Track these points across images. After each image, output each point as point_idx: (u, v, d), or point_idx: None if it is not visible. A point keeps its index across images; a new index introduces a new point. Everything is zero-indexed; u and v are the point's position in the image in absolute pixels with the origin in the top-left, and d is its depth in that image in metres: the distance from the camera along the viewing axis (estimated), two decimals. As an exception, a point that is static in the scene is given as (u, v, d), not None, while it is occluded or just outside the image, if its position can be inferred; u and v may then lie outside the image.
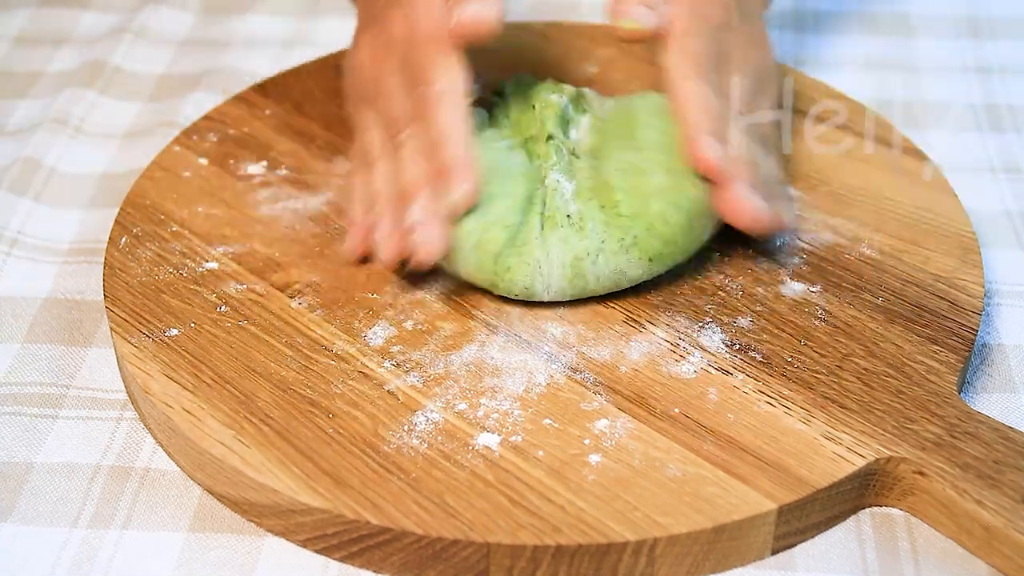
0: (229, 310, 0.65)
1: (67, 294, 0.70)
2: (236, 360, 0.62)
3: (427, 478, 0.56)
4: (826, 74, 0.86)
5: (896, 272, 0.67)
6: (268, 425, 0.59)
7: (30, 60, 0.90)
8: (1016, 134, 0.83)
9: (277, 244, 0.69)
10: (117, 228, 0.70)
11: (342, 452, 0.58)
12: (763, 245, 0.69)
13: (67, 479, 0.60)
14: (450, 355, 0.63)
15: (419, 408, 0.60)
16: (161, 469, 0.61)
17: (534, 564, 0.54)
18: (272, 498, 0.56)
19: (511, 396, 0.60)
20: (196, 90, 0.86)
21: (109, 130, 0.83)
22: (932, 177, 0.73)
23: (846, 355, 0.62)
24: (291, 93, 0.80)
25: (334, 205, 0.72)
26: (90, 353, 0.66)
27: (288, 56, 0.90)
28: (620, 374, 0.62)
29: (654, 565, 0.55)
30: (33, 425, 0.63)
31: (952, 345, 0.63)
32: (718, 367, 0.62)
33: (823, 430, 0.59)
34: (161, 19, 0.94)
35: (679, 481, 0.56)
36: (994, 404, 0.64)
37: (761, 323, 0.64)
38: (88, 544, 0.57)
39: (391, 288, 0.66)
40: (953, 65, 0.90)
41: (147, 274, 0.67)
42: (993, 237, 0.74)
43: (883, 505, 0.59)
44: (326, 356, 0.62)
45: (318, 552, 0.57)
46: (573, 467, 0.57)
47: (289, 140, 0.76)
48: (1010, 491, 0.56)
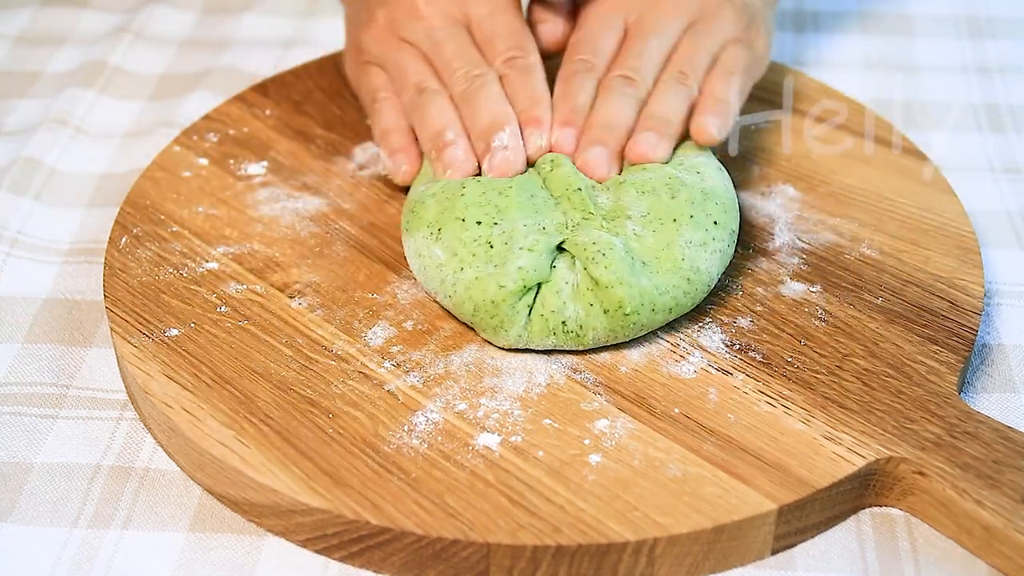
0: (229, 310, 0.65)
1: (67, 294, 0.70)
2: (236, 360, 0.62)
3: (427, 478, 0.56)
4: (826, 74, 0.86)
5: (896, 272, 0.67)
6: (268, 425, 0.59)
7: (30, 60, 0.90)
8: (1016, 134, 0.83)
9: (277, 244, 0.69)
10: (117, 228, 0.70)
11: (342, 452, 0.58)
12: (763, 245, 0.69)
13: (67, 479, 0.60)
14: (450, 355, 0.63)
15: (419, 408, 0.60)
16: (161, 469, 0.61)
17: (534, 564, 0.54)
18: (272, 498, 0.56)
19: (511, 396, 0.60)
20: (196, 90, 0.86)
21: (109, 130, 0.83)
22: (932, 177, 0.73)
23: (846, 355, 0.62)
24: (291, 93, 0.80)
25: (334, 205, 0.72)
26: (90, 353, 0.66)
27: (288, 56, 0.90)
28: (620, 374, 0.62)
29: (654, 565, 0.55)
30: (33, 425, 0.63)
31: (952, 345, 0.63)
32: (718, 367, 0.62)
33: (823, 430, 0.59)
34: (161, 19, 0.94)
35: (679, 481, 0.56)
36: (994, 404, 0.64)
37: (761, 323, 0.64)
38: (88, 544, 0.57)
39: (391, 288, 0.66)
40: (953, 65, 0.90)
41: (147, 274, 0.67)
42: (993, 237, 0.74)
43: (883, 505, 0.59)
44: (326, 356, 0.62)
45: (318, 552, 0.57)
46: (573, 467, 0.57)
47: (289, 140, 0.76)
48: (1010, 491, 0.56)
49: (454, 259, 0.62)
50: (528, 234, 0.62)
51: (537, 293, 0.62)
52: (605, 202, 0.65)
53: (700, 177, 0.66)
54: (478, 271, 0.62)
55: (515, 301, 0.61)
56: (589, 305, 0.61)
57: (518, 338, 0.62)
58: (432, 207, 0.64)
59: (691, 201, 0.64)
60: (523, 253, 0.61)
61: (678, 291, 0.62)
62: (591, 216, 0.63)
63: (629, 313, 0.61)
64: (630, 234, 0.63)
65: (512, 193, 0.64)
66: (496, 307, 0.61)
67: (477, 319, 0.62)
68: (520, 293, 0.61)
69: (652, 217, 0.64)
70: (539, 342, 0.62)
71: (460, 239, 0.63)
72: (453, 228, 0.63)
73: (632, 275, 0.61)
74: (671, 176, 0.66)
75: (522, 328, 0.61)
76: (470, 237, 0.63)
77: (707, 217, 0.64)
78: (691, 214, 0.64)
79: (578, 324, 0.61)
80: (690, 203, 0.64)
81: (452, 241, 0.63)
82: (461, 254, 0.62)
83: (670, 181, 0.65)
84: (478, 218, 0.63)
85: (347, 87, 0.80)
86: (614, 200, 0.65)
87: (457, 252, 0.62)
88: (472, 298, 0.61)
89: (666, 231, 0.63)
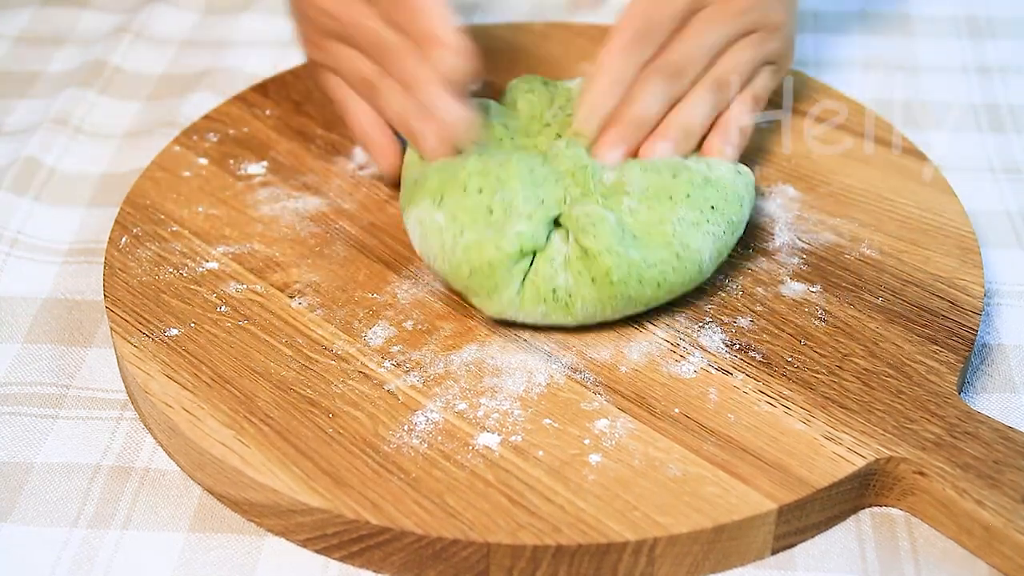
0: (229, 310, 0.65)
1: (67, 294, 0.70)
2: (236, 360, 0.62)
3: (427, 478, 0.56)
4: (826, 74, 0.86)
5: (896, 272, 0.67)
6: (268, 425, 0.59)
7: (30, 60, 0.90)
8: (1016, 134, 0.83)
9: (277, 244, 0.69)
10: (117, 228, 0.70)
11: (342, 452, 0.58)
12: (763, 245, 0.69)
13: (67, 479, 0.60)
14: (450, 355, 0.63)
15: (419, 408, 0.60)
16: (161, 469, 0.61)
17: (534, 564, 0.54)
18: (272, 498, 0.56)
19: (511, 396, 0.60)
20: (196, 90, 0.86)
21: (109, 130, 0.83)
22: (932, 177, 0.73)
23: (846, 355, 0.62)
24: (291, 93, 0.80)
25: (334, 205, 0.72)
26: (90, 353, 0.66)
27: (288, 56, 0.90)
28: (620, 374, 0.62)
29: (654, 565, 0.55)
30: (33, 425, 0.63)
31: (952, 345, 0.63)
32: (718, 367, 0.62)
33: (823, 430, 0.59)
34: (161, 19, 0.94)
35: (679, 481, 0.56)
36: (994, 404, 0.64)
37: (761, 323, 0.64)
38: (88, 544, 0.57)
39: (391, 288, 0.66)
40: (953, 65, 0.90)
41: (147, 274, 0.67)
42: (993, 237, 0.74)
43: (883, 505, 0.59)
44: (326, 356, 0.62)
45: (318, 552, 0.57)
46: (573, 467, 0.57)
47: (289, 140, 0.76)
48: (1010, 491, 0.56)
49: (455, 223, 0.63)
50: (527, 203, 0.63)
51: (532, 263, 0.62)
52: (609, 178, 0.66)
53: (707, 166, 0.67)
54: (478, 235, 0.62)
55: (511, 265, 0.62)
56: (578, 274, 0.62)
57: (510, 303, 0.62)
58: (434, 179, 0.65)
59: (691, 182, 0.65)
60: (522, 219, 0.62)
61: (666, 266, 0.63)
62: (589, 193, 0.65)
63: (615, 282, 0.61)
64: (625, 209, 0.64)
65: (512, 165, 0.64)
66: (492, 269, 0.62)
67: (472, 282, 0.62)
68: (516, 257, 0.62)
69: (650, 194, 0.65)
70: (530, 309, 0.62)
71: (462, 205, 0.63)
72: (455, 196, 0.63)
73: (620, 245, 0.62)
74: (678, 162, 0.67)
75: (514, 294, 0.62)
76: (471, 203, 0.63)
77: (704, 200, 0.65)
78: (688, 193, 0.65)
79: (567, 292, 0.62)
80: (689, 183, 0.65)
81: (453, 207, 0.63)
82: (461, 219, 0.63)
83: (675, 165, 0.66)
84: (480, 186, 0.63)
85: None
86: (617, 177, 0.66)
87: (457, 217, 0.63)
88: (470, 260, 0.62)
89: (661, 207, 0.64)
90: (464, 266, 0.62)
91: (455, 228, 0.63)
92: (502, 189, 0.63)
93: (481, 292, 0.62)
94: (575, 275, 0.62)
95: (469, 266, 0.62)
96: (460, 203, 0.63)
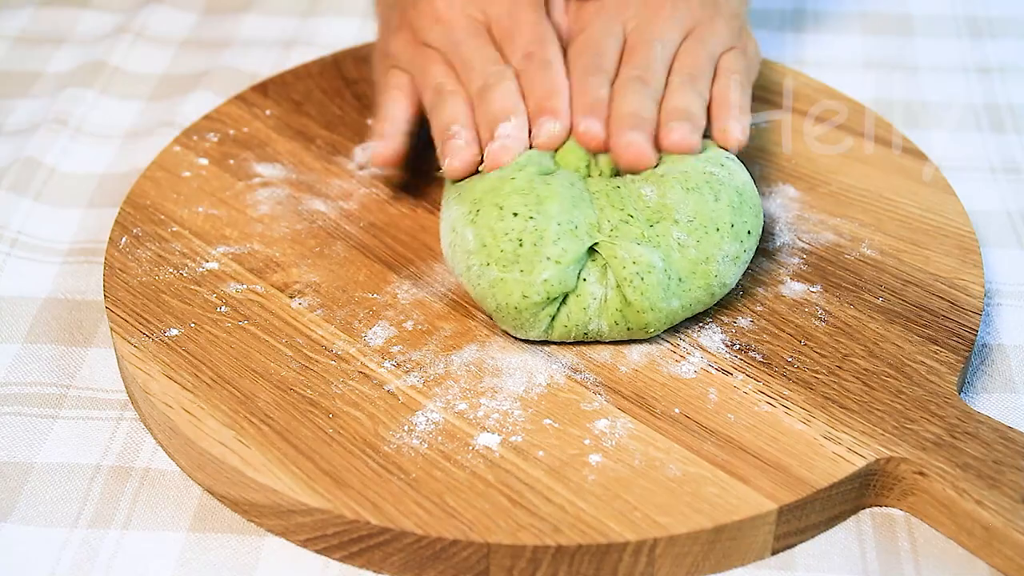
0: (229, 310, 0.65)
1: (67, 294, 0.70)
2: (236, 360, 0.62)
3: (427, 478, 0.56)
4: (826, 74, 0.86)
5: (896, 272, 0.67)
6: (268, 425, 0.59)
7: (30, 60, 0.90)
8: (1016, 134, 0.83)
9: (277, 244, 0.69)
10: (117, 228, 0.70)
11: (342, 452, 0.58)
12: (763, 245, 0.69)
13: (67, 479, 0.60)
14: (450, 355, 0.63)
15: (419, 408, 0.60)
16: (161, 469, 0.61)
17: (534, 564, 0.54)
18: (272, 498, 0.56)
19: (511, 396, 0.60)
20: (196, 90, 0.86)
21: (109, 130, 0.83)
22: (932, 177, 0.73)
23: (846, 355, 0.62)
24: (291, 93, 0.80)
25: (334, 205, 0.72)
26: (90, 353, 0.66)
27: (288, 56, 0.90)
28: (620, 374, 0.62)
29: (654, 565, 0.55)
30: (33, 425, 0.63)
31: (952, 345, 0.63)
32: (718, 367, 0.62)
33: (823, 430, 0.59)
34: (161, 19, 0.94)
35: (679, 481, 0.56)
36: (994, 404, 0.64)
37: (761, 323, 0.64)
38: (88, 544, 0.57)
39: (391, 288, 0.66)
40: (953, 65, 0.90)
41: (147, 274, 0.67)
42: (993, 237, 0.74)
43: (883, 505, 0.59)
44: (326, 356, 0.62)
45: (318, 552, 0.57)
46: (573, 467, 0.57)
47: (289, 140, 0.76)
48: (1010, 491, 0.56)
49: (483, 251, 0.62)
50: (559, 238, 0.61)
51: (563, 303, 0.62)
52: (650, 194, 0.64)
53: (727, 171, 0.65)
54: (504, 272, 0.61)
55: (538, 311, 0.61)
56: (615, 323, 0.62)
57: (536, 337, 0.63)
58: (480, 185, 0.64)
59: (731, 206, 0.63)
60: (550, 265, 0.61)
61: (699, 304, 0.63)
62: (631, 219, 0.63)
63: (651, 331, 0.62)
64: (674, 244, 0.62)
65: (555, 181, 0.63)
66: (519, 313, 0.61)
67: (498, 316, 0.62)
68: (543, 304, 0.61)
69: (698, 223, 0.63)
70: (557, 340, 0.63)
71: (492, 229, 0.62)
72: (489, 214, 0.62)
73: (665, 300, 0.61)
74: (706, 172, 0.64)
75: (542, 332, 0.62)
76: (502, 229, 0.62)
77: (743, 225, 0.64)
78: (731, 223, 0.63)
79: (599, 334, 0.62)
80: (730, 208, 0.63)
81: (484, 230, 0.62)
82: (490, 247, 0.62)
83: (709, 178, 0.64)
84: (515, 209, 0.62)
85: (347, 87, 0.80)
86: (659, 196, 0.64)
87: (487, 243, 0.62)
88: (495, 296, 0.62)
89: (708, 241, 0.63)
90: (489, 300, 0.62)
91: (482, 257, 0.62)
92: (538, 214, 0.62)
93: (507, 326, 0.63)
94: (610, 324, 0.62)
95: (495, 302, 0.62)
96: (492, 226, 0.62)
